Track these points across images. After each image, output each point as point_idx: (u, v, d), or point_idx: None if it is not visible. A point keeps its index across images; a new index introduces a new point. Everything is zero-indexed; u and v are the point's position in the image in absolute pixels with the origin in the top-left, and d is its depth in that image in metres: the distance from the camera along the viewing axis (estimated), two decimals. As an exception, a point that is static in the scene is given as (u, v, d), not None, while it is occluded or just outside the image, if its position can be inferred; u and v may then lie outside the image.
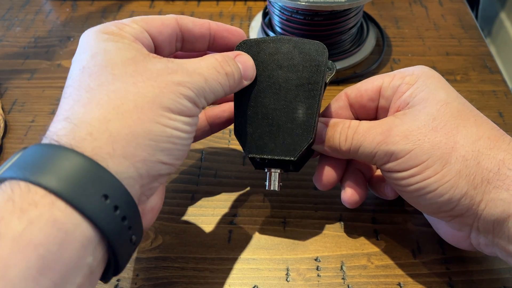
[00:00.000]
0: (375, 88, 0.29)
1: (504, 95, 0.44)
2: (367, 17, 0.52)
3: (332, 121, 0.29)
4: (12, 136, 0.41)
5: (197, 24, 0.28)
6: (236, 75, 0.26)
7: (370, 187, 0.33)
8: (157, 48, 0.27)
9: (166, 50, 0.27)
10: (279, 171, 0.29)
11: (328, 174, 0.30)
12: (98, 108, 0.21)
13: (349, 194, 0.30)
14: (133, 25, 0.25)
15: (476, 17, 1.08)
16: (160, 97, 0.22)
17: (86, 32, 0.24)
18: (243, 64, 0.27)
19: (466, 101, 0.27)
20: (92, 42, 0.23)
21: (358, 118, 0.31)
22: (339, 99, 0.31)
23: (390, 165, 0.26)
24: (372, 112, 0.30)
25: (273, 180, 0.29)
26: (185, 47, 0.28)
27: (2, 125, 0.41)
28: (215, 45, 0.29)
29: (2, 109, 0.43)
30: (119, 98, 0.21)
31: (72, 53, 0.49)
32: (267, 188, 0.29)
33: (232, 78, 0.26)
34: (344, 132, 0.28)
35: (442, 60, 0.48)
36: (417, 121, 0.26)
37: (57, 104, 0.43)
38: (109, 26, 0.24)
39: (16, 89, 0.46)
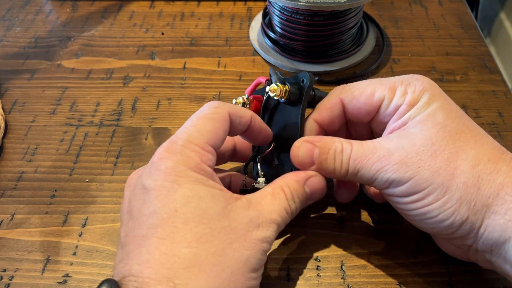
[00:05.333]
0: (374, 104, 0.28)
1: (504, 95, 0.44)
2: (367, 17, 0.52)
3: (321, 143, 0.27)
4: (13, 136, 0.41)
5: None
6: (299, 205, 0.27)
7: (362, 186, 0.34)
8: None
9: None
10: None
11: (343, 193, 0.32)
12: (202, 275, 0.21)
13: (340, 191, 0.32)
14: (204, 154, 0.24)
15: (476, 17, 1.08)
16: (250, 260, 0.23)
17: (161, 157, 0.24)
18: (312, 188, 0.27)
19: (467, 118, 0.27)
20: (181, 179, 0.23)
21: (349, 125, 0.32)
22: (335, 107, 0.29)
23: (390, 191, 0.26)
24: (366, 123, 0.30)
25: None
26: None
27: (3, 125, 0.41)
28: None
29: (3, 109, 0.43)
30: (219, 263, 0.22)
31: (72, 53, 0.50)
32: None
33: (296, 211, 0.27)
34: (339, 157, 0.27)
35: (441, 60, 0.48)
36: (416, 146, 0.25)
37: (57, 104, 0.44)
38: (190, 158, 0.24)
39: (16, 89, 0.46)
